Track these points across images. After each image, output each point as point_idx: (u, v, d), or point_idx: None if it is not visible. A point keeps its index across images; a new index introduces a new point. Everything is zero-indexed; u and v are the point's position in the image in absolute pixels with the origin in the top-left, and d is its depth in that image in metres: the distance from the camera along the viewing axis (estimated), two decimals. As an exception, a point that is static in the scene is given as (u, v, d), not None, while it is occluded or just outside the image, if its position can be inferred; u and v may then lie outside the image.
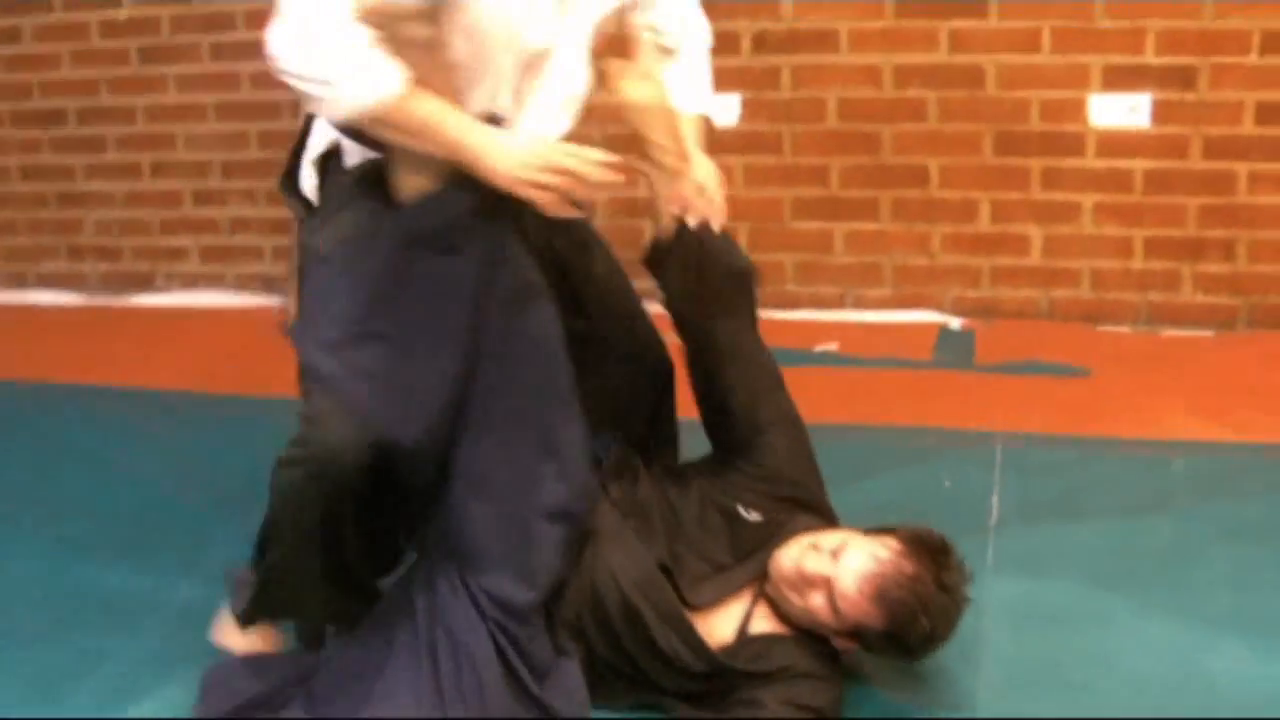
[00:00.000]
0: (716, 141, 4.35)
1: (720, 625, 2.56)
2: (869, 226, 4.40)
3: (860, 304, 4.47)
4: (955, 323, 4.36)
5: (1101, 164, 4.20)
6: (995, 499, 3.30)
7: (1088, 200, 4.25)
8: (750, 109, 4.37)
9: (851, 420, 3.76)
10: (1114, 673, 2.67)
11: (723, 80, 4.21)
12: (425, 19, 2.16)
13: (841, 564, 2.46)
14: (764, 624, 2.57)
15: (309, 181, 2.51)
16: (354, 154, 2.41)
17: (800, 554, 2.51)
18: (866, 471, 3.45)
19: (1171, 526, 3.17)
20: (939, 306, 4.41)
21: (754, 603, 2.59)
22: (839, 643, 2.54)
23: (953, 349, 4.20)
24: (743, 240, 4.46)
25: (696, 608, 2.53)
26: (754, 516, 2.60)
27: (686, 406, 2.85)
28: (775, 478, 2.66)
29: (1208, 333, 4.30)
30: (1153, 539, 3.13)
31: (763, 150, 4.40)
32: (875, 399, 3.91)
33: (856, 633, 2.48)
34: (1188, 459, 3.48)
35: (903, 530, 2.53)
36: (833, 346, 4.25)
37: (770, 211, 4.46)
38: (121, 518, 3.36)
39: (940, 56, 4.18)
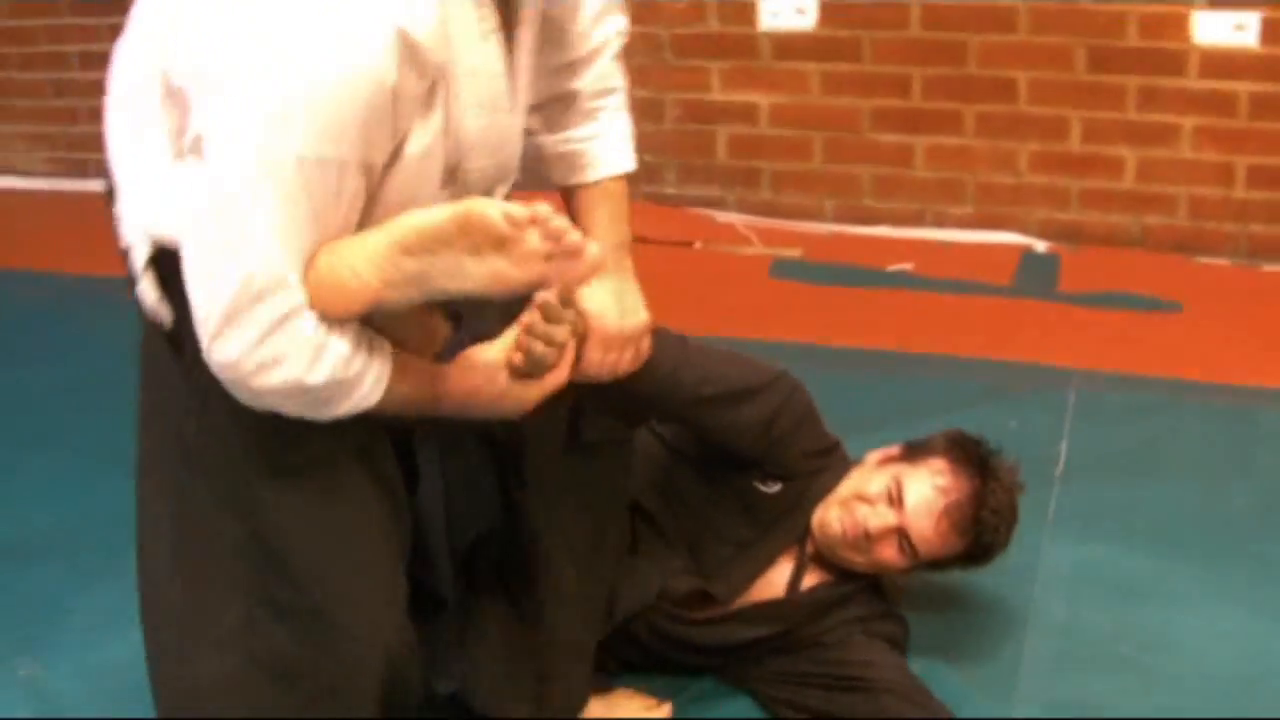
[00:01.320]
0: (791, 46, 4.16)
1: (766, 593, 2.41)
2: (951, 141, 4.15)
3: (940, 222, 4.23)
4: (1040, 246, 4.12)
5: (1203, 85, 3.90)
6: (1064, 446, 3.10)
7: (1187, 123, 3.96)
8: (827, 13, 4.12)
9: (918, 349, 3.56)
10: (1179, 658, 2.47)
11: (800, -17, 4.04)
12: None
13: (909, 509, 2.28)
14: (813, 579, 2.41)
15: (149, 294, 1.75)
16: None
17: (851, 513, 2.32)
18: (925, 408, 3.25)
19: (1254, 490, 2.94)
20: (1023, 228, 4.16)
21: (798, 569, 2.41)
22: (899, 579, 2.44)
23: (1035, 275, 3.96)
24: (818, 151, 4.26)
25: (726, 602, 2.38)
26: (773, 488, 2.41)
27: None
28: (789, 466, 2.43)
29: (1313, 268, 4.02)
30: (1232, 503, 2.90)
31: (840, 57, 4.15)
32: (946, 326, 3.70)
33: (935, 563, 2.35)
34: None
35: (936, 443, 2.37)
36: (908, 267, 4.03)
37: (847, 122, 4.22)
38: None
39: (1033, -39, 3.90)
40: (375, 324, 1.70)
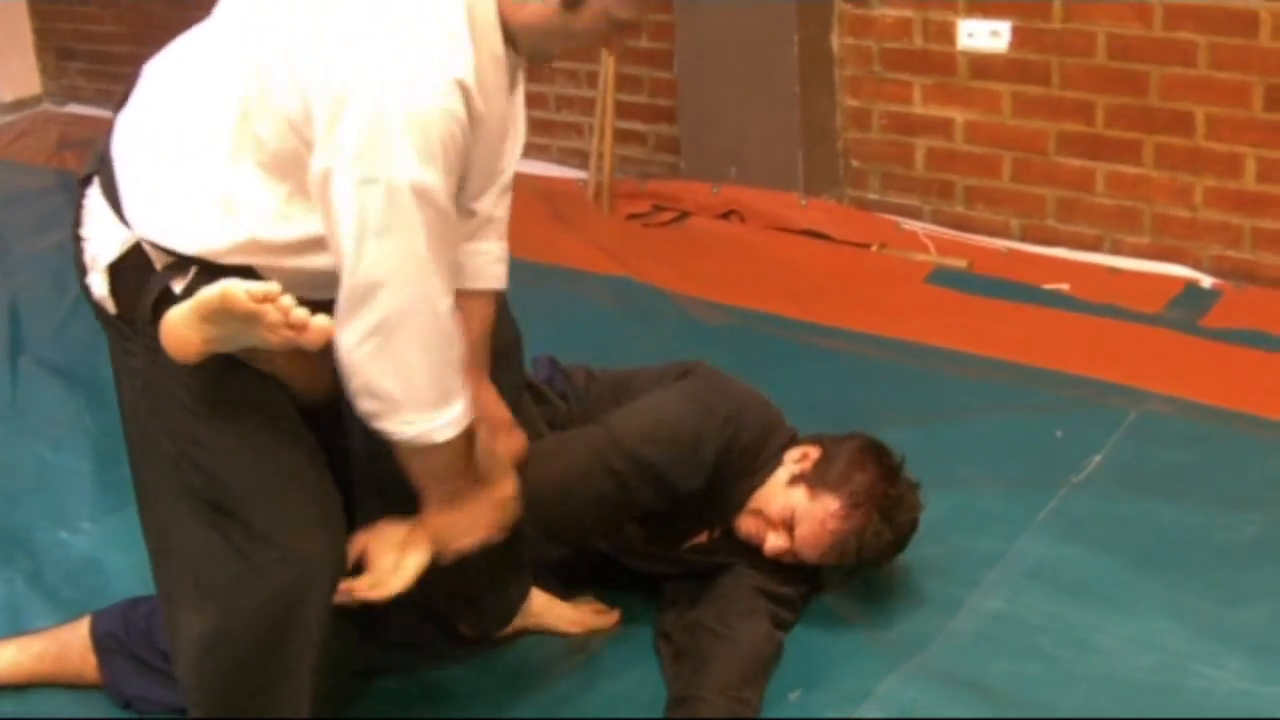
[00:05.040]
0: (986, 66, 4.32)
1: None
2: (1131, 170, 4.22)
3: (1118, 249, 4.30)
4: (1207, 281, 4.14)
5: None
6: (1097, 459, 3.21)
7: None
8: (1020, 37, 4.26)
9: (1027, 360, 3.71)
10: (1092, 658, 2.62)
11: (995, 6, 4.20)
12: None
13: (798, 539, 2.64)
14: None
15: (99, 287, 2.13)
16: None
17: (753, 525, 2.70)
18: (984, 408, 3.48)
19: (1262, 522, 2.96)
20: (1196, 263, 4.18)
21: (711, 536, 2.79)
22: None
23: (1187, 307, 3.99)
24: (1007, 169, 4.42)
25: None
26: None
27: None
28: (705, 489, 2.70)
29: None
30: (1231, 532, 2.94)
31: (1031, 80, 4.29)
32: (1068, 344, 3.80)
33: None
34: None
35: (838, 469, 2.63)
36: (1064, 287, 4.14)
37: (1035, 143, 4.35)
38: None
39: (1213, -1, 3.94)
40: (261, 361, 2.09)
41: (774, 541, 2.66)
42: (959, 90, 4.43)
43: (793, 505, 2.62)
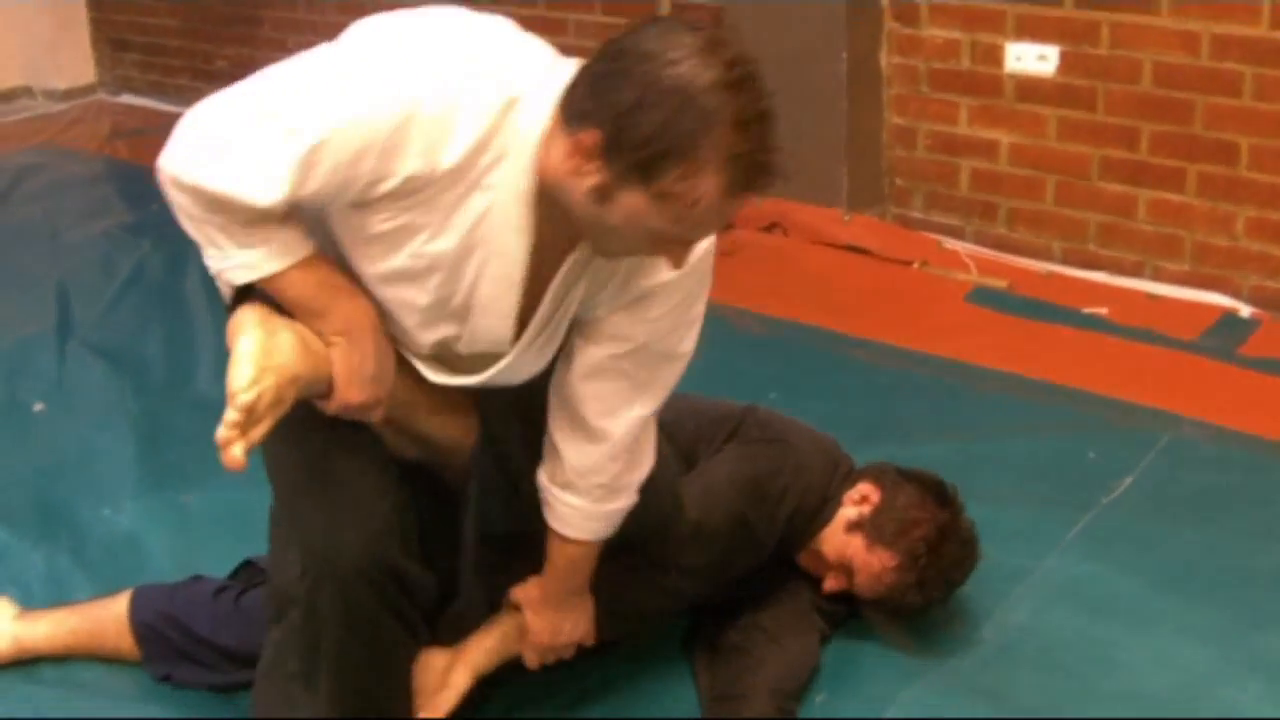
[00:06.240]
0: (1032, 90, 4.35)
1: None
2: (1174, 198, 4.24)
3: (1158, 276, 4.32)
4: (1246, 310, 4.15)
5: None
6: (1128, 480, 3.23)
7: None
8: (1067, 62, 4.29)
9: (1060, 380, 3.74)
10: (1111, 674, 2.64)
11: (1043, 30, 4.23)
12: None
13: (856, 585, 2.67)
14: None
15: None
16: None
17: (812, 564, 2.72)
18: (1018, 427, 3.51)
19: (1289, 553, 2.98)
20: (1235, 292, 4.19)
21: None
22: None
23: (1225, 336, 4.00)
24: (1050, 192, 4.44)
25: None
26: None
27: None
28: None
29: None
30: (1257, 559, 2.97)
31: (1077, 105, 4.31)
32: (1105, 367, 3.83)
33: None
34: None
35: (891, 521, 2.63)
36: (1102, 311, 4.16)
37: (1078, 168, 4.37)
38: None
39: (1261, 30, 3.95)
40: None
41: (832, 583, 2.68)
42: (1005, 112, 4.45)
43: (850, 554, 2.64)
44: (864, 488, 2.68)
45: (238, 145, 1.85)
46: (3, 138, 6.17)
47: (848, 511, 2.66)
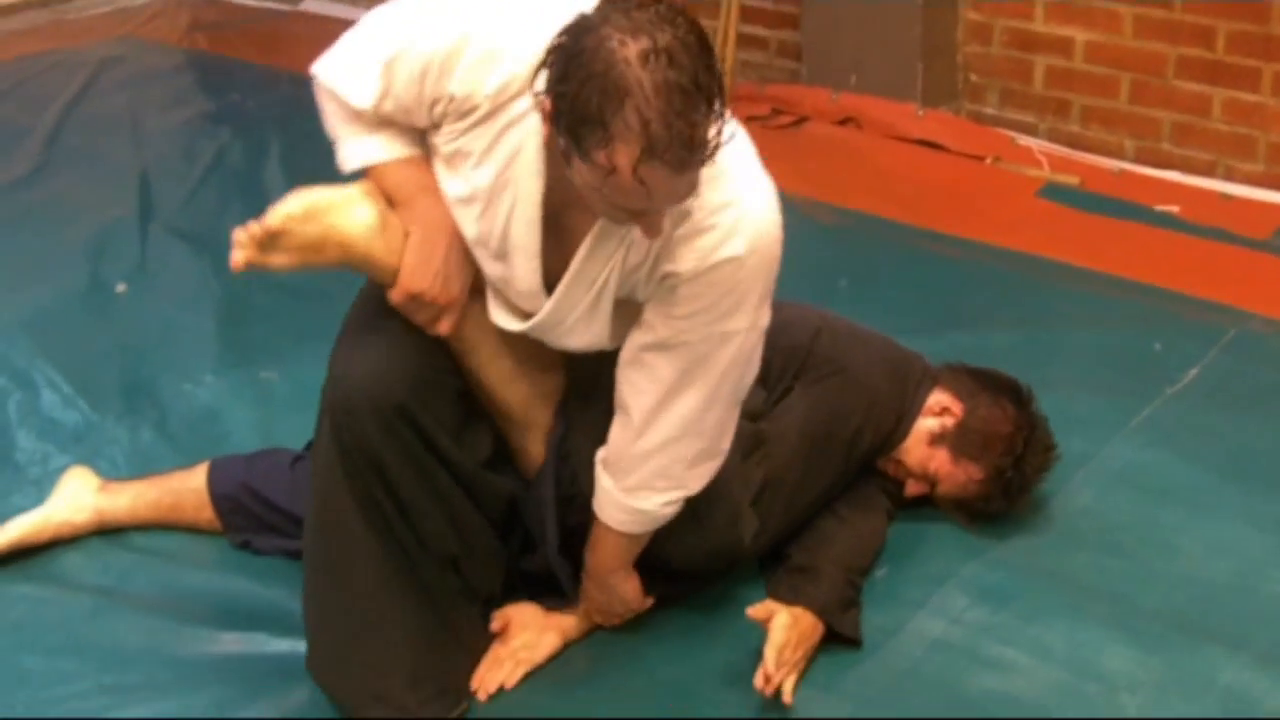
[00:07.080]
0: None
1: None
2: (1249, 97, 4.21)
3: (1230, 176, 4.30)
4: (1319, 211, 4.14)
5: None
6: (1193, 372, 3.25)
7: None
8: (1146, -42, 4.27)
9: (1133, 276, 3.75)
10: (1171, 557, 2.69)
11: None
12: None
13: (938, 493, 2.74)
14: None
15: None
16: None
17: (896, 470, 2.75)
18: (1086, 319, 3.54)
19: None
20: (1310, 192, 4.19)
21: None
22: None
23: (1297, 236, 4.01)
24: (1124, 91, 4.42)
25: None
26: None
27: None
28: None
29: None
30: (1319, 451, 2.99)
31: (1153, 2, 4.28)
32: (1179, 264, 3.83)
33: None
34: None
35: (977, 431, 2.67)
36: (1174, 209, 4.16)
37: (1154, 66, 4.35)
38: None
39: (1345, -76, 3.92)
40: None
41: (914, 488, 2.74)
42: (1081, 9, 4.43)
43: (934, 467, 2.69)
44: (944, 398, 2.71)
45: (350, 53, 2.17)
46: (84, 31, 6.22)
47: (929, 423, 2.70)
